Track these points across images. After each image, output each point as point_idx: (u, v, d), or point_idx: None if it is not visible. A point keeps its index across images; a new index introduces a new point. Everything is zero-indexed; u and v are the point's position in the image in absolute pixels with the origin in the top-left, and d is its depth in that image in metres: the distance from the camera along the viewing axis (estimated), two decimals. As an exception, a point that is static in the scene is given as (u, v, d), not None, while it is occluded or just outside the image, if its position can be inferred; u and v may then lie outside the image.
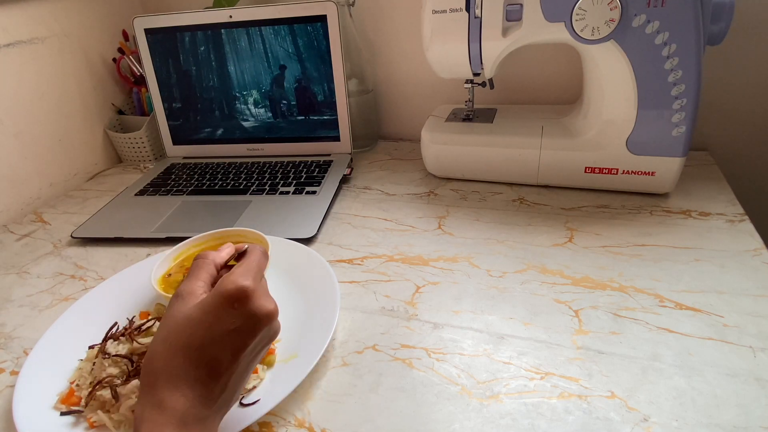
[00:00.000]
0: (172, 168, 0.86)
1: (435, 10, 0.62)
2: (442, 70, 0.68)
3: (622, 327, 0.45)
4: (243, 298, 0.32)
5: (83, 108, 0.89)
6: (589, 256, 0.55)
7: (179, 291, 0.34)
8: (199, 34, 0.81)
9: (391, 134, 0.95)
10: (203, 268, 0.36)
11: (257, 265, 0.36)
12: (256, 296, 0.33)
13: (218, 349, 0.32)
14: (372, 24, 0.86)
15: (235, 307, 0.32)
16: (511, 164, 0.70)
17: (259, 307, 0.33)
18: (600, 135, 0.64)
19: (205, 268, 0.36)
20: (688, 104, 0.57)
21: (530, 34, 0.59)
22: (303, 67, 0.80)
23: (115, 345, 0.43)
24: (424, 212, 0.67)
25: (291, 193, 0.73)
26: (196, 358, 0.31)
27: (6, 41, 0.76)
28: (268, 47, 0.80)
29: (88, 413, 0.39)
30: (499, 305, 0.49)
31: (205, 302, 0.32)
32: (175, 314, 0.33)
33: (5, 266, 0.65)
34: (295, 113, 0.84)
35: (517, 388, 0.40)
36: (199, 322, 0.32)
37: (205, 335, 0.31)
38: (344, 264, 0.58)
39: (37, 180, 0.82)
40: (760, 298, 0.46)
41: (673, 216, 0.60)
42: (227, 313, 0.32)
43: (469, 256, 0.57)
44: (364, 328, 0.48)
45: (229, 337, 0.32)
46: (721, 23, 0.55)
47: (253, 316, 0.33)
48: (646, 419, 0.36)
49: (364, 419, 0.39)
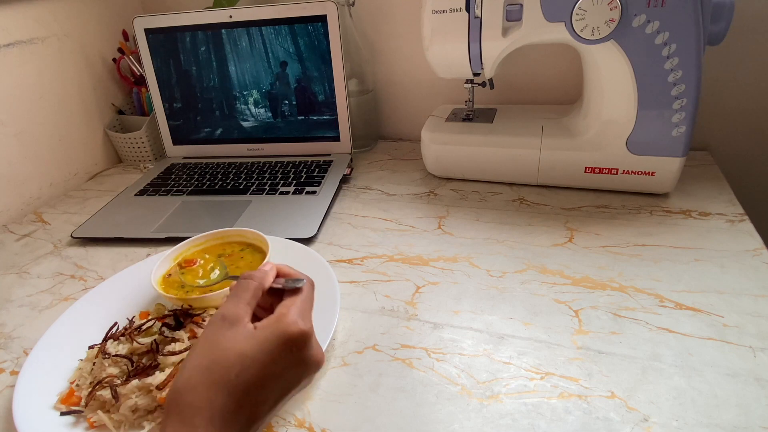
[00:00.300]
0: (172, 168, 0.86)
1: (435, 10, 0.62)
2: (442, 70, 0.68)
3: (622, 327, 0.45)
4: (302, 343, 0.30)
5: (83, 108, 0.89)
6: (589, 256, 0.55)
7: (225, 313, 0.32)
8: (199, 34, 0.81)
9: (391, 134, 0.95)
10: (250, 291, 0.34)
11: (311, 304, 0.34)
12: (312, 342, 0.31)
13: (266, 393, 0.29)
14: (372, 24, 0.86)
15: (292, 351, 0.30)
16: (511, 164, 0.70)
17: (314, 355, 0.31)
18: (600, 135, 0.64)
19: (251, 291, 0.34)
20: (688, 104, 0.57)
21: (530, 34, 0.59)
22: (303, 67, 0.80)
23: (115, 345, 0.43)
24: (424, 212, 0.67)
25: (291, 193, 0.73)
26: (242, 399, 0.29)
27: (6, 41, 0.76)
28: (268, 47, 0.80)
29: (88, 413, 0.39)
30: (499, 305, 0.49)
31: (261, 338, 0.30)
32: (223, 343, 0.30)
33: (5, 266, 0.65)
34: (295, 113, 0.84)
35: (517, 388, 0.40)
36: (254, 360, 0.29)
37: (256, 376, 0.29)
38: (344, 264, 0.58)
39: (37, 180, 0.82)
40: (760, 298, 0.46)
41: (673, 216, 0.60)
42: (282, 355, 0.30)
43: (469, 256, 0.57)
44: (364, 328, 0.48)
45: (278, 381, 0.30)
46: (721, 23, 0.55)
47: (306, 363, 0.31)
48: (646, 419, 0.36)
49: (364, 419, 0.39)
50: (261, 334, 0.30)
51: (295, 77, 0.81)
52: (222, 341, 0.30)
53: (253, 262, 0.54)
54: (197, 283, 0.50)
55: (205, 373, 0.29)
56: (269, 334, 0.30)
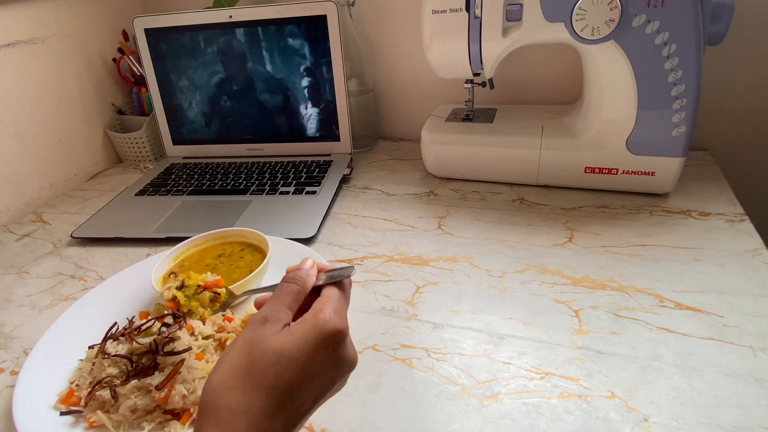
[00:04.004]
0: (172, 168, 0.86)
1: (435, 10, 0.62)
2: (442, 70, 0.68)
3: (622, 327, 0.45)
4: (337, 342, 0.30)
5: (83, 108, 0.89)
6: (589, 256, 0.55)
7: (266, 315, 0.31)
8: (199, 34, 0.81)
9: (391, 134, 0.95)
10: (292, 295, 0.32)
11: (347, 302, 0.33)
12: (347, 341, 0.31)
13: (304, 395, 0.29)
14: (372, 24, 0.86)
15: (328, 350, 0.29)
16: (511, 164, 0.70)
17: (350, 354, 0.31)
18: (600, 135, 0.64)
19: (293, 295, 0.32)
20: (688, 104, 0.57)
21: (530, 34, 0.59)
22: (303, 67, 0.80)
23: (115, 345, 0.43)
24: (424, 212, 0.67)
25: (291, 193, 0.73)
26: (280, 401, 0.28)
27: (6, 41, 0.76)
28: (268, 47, 0.80)
29: (88, 413, 0.39)
30: (499, 305, 0.49)
31: (298, 337, 0.29)
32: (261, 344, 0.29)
33: (5, 266, 0.65)
34: (295, 113, 0.84)
35: (517, 388, 0.40)
36: (291, 360, 0.28)
37: (295, 377, 0.28)
38: (344, 264, 0.58)
39: (37, 180, 0.82)
40: (760, 298, 0.46)
41: (673, 216, 0.60)
42: (320, 354, 0.29)
43: (469, 256, 0.57)
44: (364, 328, 0.48)
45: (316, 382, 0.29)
46: (721, 23, 0.55)
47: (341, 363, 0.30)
48: (646, 419, 0.36)
49: (364, 419, 0.39)
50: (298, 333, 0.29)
51: (295, 77, 0.81)
52: (261, 342, 0.29)
53: (253, 262, 0.54)
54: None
55: (243, 374, 0.28)
56: (306, 332, 0.29)
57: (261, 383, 0.28)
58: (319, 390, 0.30)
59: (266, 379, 0.28)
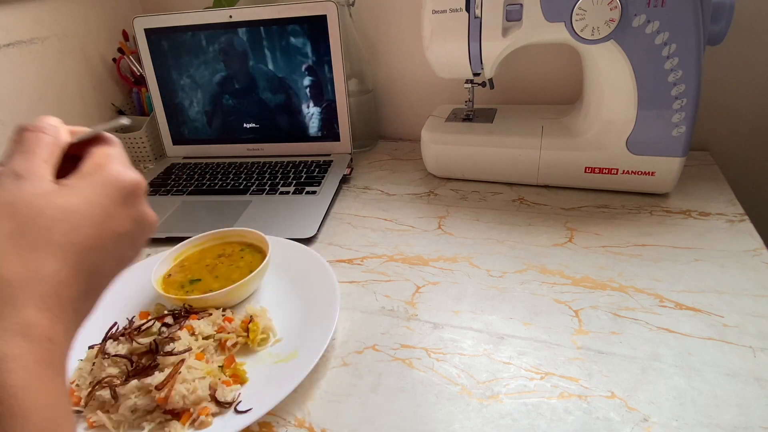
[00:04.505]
0: (172, 168, 0.86)
1: (435, 10, 0.62)
2: (442, 70, 0.68)
3: (622, 327, 0.45)
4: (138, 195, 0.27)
5: (83, 108, 0.89)
6: (589, 256, 0.55)
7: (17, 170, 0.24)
8: (199, 34, 0.81)
9: (391, 134, 0.95)
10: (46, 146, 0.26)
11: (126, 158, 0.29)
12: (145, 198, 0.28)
13: (106, 257, 0.25)
14: (372, 24, 0.86)
15: (128, 205, 0.26)
16: (511, 164, 0.70)
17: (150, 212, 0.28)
18: (600, 135, 0.64)
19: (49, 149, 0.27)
20: (688, 104, 0.57)
21: (530, 34, 0.59)
22: (303, 67, 0.80)
23: (115, 345, 0.43)
24: (424, 212, 0.67)
25: (291, 193, 0.73)
26: (76, 261, 0.24)
27: (6, 41, 0.76)
28: (268, 47, 0.80)
29: (88, 413, 0.39)
30: (499, 305, 0.49)
31: (87, 192, 0.25)
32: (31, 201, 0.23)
33: (5, 266, 0.65)
34: (295, 113, 0.84)
35: (517, 388, 0.40)
36: (84, 216, 0.24)
37: (92, 234, 0.24)
38: (344, 264, 0.58)
39: (37, 180, 0.82)
40: (760, 298, 0.46)
41: (673, 216, 0.60)
42: (119, 209, 0.26)
43: (469, 256, 0.57)
44: (364, 328, 0.48)
45: (117, 242, 0.26)
46: (721, 23, 0.55)
47: (143, 220, 0.27)
48: (646, 419, 0.36)
49: (364, 419, 0.39)
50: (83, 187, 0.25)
51: (295, 77, 0.81)
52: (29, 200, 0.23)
53: (253, 262, 0.54)
54: None
55: (11, 239, 0.22)
56: (95, 186, 0.25)
57: (44, 244, 0.23)
58: (120, 252, 0.26)
59: (52, 239, 0.23)
